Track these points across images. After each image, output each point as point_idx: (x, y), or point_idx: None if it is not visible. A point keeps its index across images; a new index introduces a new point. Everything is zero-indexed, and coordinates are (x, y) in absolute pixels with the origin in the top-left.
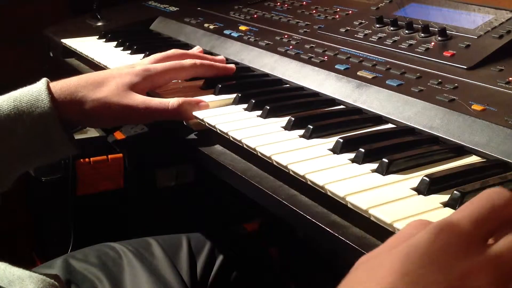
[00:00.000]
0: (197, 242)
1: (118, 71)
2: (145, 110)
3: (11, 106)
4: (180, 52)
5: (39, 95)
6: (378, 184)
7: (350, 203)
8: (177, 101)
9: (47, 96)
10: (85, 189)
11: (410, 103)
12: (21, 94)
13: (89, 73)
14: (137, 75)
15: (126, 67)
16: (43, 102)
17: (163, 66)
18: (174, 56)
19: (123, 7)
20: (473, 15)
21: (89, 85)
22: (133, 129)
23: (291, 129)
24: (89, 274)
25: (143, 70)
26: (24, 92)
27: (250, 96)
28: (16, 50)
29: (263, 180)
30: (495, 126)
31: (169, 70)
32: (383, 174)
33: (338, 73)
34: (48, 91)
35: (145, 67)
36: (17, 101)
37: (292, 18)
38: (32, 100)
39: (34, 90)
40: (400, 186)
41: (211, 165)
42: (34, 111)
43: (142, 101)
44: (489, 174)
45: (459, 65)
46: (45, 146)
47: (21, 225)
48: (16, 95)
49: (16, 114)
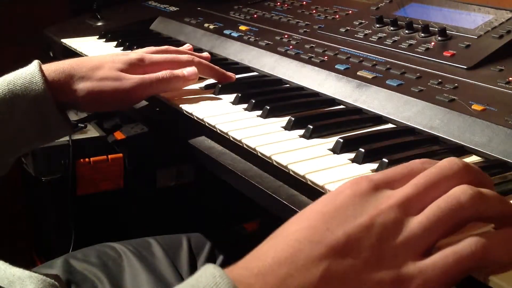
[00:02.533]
0: (197, 242)
1: (112, 57)
2: (138, 87)
3: (5, 90)
4: (175, 48)
5: (32, 78)
6: None
7: None
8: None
9: (40, 78)
10: (85, 189)
11: (410, 103)
12: (14, 77)
13: (83, 57)
14: (131, 63)
15: (121, 54)
16: (37, 84)
17: (158, 57)
18: (169, 51)
19: (123, 7)
20: (473, 15)
21: (83, 68)
22: (133, 129)
23: (291, 129)
24: (89, 274)
25: (137, 58)
26: (18, 75)
27: (250, 96)
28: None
29: (263, 180)
30: (495, 126)
31: (164, 62)
32: None
33: (338, 73)
34: (41, 73)
35: (139, 55)
36: (11, 85)
37: (292, 18)
38: (26, 83)
39: (27, 72)
40: None
41: (211, 165)
42: (28, 93)
43: (134, 81)
44: (489, 174)
45: (459, 65)
46: (41, 128)
47: (21, 225)
48: (10, 78)
49: (11, 97)
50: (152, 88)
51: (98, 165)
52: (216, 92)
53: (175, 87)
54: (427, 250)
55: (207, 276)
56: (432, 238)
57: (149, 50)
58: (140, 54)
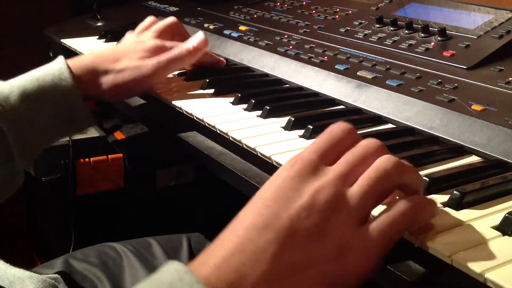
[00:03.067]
0: (197, 242)
1: (130, 47)
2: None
3: (35, 86)
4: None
5: (61, 74)
6: None
7: None
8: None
9: (69, 74)
10: (85, 189)
11: (410, 103)
12: (43, 74)
13: (103, 50)
14: (149, 50)
15: (136, 42)
16: (66, 80)
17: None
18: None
19: (123, 7)
20: (473, 15)
21: (105, 61)
22: (133, 129)
23: (291, 129)
24: (90, 274)
25: (155, 44)
26: (47, 71)
27: (250, 96)
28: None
29: (263, 180)
30: (495, 126)
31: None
32: None
33: (338, 73)
34: (69, 70)
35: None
36: (40, 81)
37: (292, 18)
38: (55, 79)
39: (55, 68)
40: None
41: (211, 165)
42: (58, 90)
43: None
44: (489, 174)
45: (459, 65)
46: (69, 122)
47: (21, 225)
48: (38, 74)
49: (40, 93)
50: (169, 67)
51: (98, 165)
52: (216, 92)
53: (190, 61)
54: (364, 218)
55: (171, 271)
56: (368, 205)
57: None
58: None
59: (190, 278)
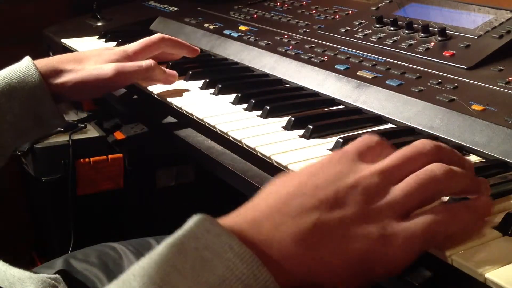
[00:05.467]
0: None
1: (98, 51)
2: (118, 72)
3: (2, 83)
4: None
5: (27, 71)
6: None
7: None
8: (153, 62)
9: (36, 71)
10: (85, 189)
11: (410, 103)
12: (9, 72)
13: (71, 52)
14: (115, 53)
15: (105, 48)
16: (33, 76)
17: (137, 43)
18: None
19: (123, 7)
20: (473, 15)
21: (70, 62)
22: (133, 129)
23: (291, 129)
24: (90, 274)
25: (121, 50)
26: (13, 70)
27: (250, 96)
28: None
29: (263, 180)
30: (495, 126)
31: (143, 46)
32: None
33: (338, 73)
34: (35, 67)
35: (122, 48)
36: (7, 79)
37: (292, 18)
38: (22, 76)
39: (22, 66)
40: None
41: (211, 165)
42: (25, 86)
43: (115, 65)
44: (489, 174)
45: (459, 65)
46: (38, 119)
47: (21, 225)
48: (5, 73)
49: (8, 90)
50: (132, 75)
51: (98, 165)
52: (216, 92)
53: (157, 77)
54: (406, 214)
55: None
56: (411, 204)
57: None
58: (123, 47)
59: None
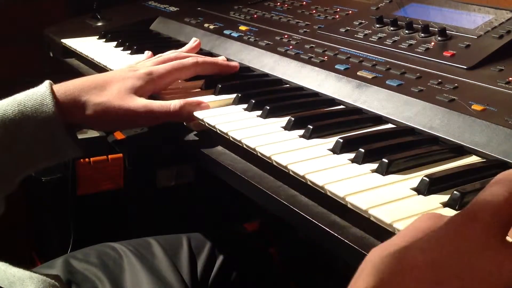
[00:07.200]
0: (197, 242)
1: (121, 74)
2: (146, 114)
3: (15, 110)
4: (181, 54)
5: (43, 100)
6: (378, 184)
7: (350, 203)
8: (179, 103)
9: (51, 101)
10: (85, 189)
11: (410, 103)
12: (25, 98)
13: (92, 76)
14: (140, 78)
15: (129, 70)
16: (48, 107)
17: (165, 67)
18: (171, 58)
19: (123, 7)
20: (473, 15)
21: (92, 89)
22: (133, 129)
23: (291, 129)
24: (90, 274)
25: (146, 73)
26: (29, 96)
27: (250, 96)
28: (16, 50)
29: (263, 180)
30: (495, 126)
31: (171, 71)
32: (383, 174)
33: (338, 73)
34: (52, 95)
35: (147, 70)
36: (21, 106)
37: (292, 18)
38: (36, 105)
39: (38, 94)
40: (400, 186)
41: (211, 165)
42: (38, 115)
43: (143, 105)
44: (489, 174)
45: (459, 65)
46: (49, 150)
47: (21, 225)
48: (20, 98)
49: (21, 118)
50: (158, 119)
51: (98, 165)
52: (216, 92)
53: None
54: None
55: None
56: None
57: (157, 61)
58: (148, 68)
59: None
